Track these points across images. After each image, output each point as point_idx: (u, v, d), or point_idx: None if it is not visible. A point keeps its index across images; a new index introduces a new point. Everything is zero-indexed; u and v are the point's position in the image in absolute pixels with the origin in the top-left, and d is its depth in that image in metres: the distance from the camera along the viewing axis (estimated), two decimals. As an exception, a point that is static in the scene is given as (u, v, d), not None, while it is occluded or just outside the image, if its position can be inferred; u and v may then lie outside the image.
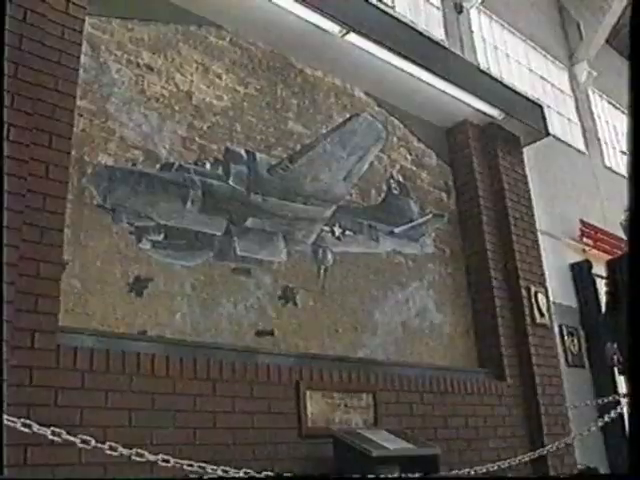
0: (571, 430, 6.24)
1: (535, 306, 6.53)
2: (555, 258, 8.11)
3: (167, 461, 3.25)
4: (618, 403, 6.32)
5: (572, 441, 5.72)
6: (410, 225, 6.40)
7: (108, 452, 3.15)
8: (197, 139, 5.02)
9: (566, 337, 8.00)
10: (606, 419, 5.49)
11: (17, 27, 3.83)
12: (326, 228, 5.63)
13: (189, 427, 3.95)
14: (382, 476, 3.85)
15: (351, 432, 4.41)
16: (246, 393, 4.32)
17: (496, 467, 4.85)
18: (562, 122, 10.44)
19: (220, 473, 3.34)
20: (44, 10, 4.03)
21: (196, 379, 4.11)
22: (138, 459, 3.19)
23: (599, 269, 8.50)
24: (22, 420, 3.02)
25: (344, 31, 5.71)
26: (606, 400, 6.62)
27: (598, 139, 11.28)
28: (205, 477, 3.39)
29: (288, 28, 5.62)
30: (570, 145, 10.22)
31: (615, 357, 4.71)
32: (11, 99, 3.67)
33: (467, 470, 4.59)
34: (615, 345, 4.70)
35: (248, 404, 4.30)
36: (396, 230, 6.23)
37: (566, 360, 7.77)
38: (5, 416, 2.97)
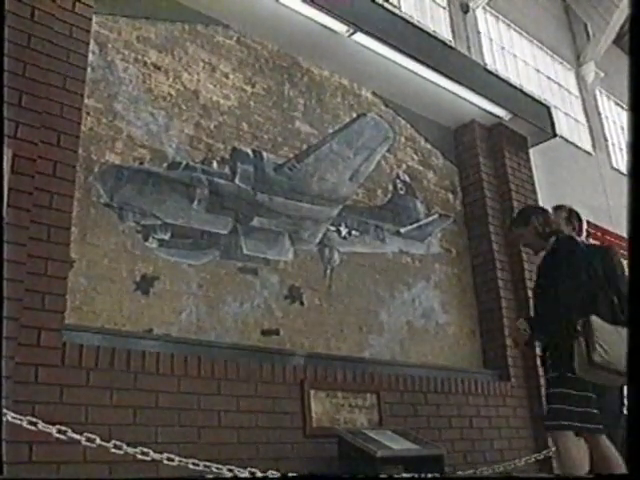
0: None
1: (541, 307, 6.51)
2: None
3: (172, 460, 3.26)
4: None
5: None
6: (416, 225, 6.39)
7: (113, 450, 3.16)
8: (204, 138, 5.03)
9: (572, 338, 7.96)
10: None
11: (25, 26, 3.85)
12: (332, 228, 5.63)
13: (194, 426, 3.96)
14: (386, 476, 3.86)
15: (355, 432, 4.40)
16: (251, 392, 4.32)
17: (502, 468, 4.84)
18: (569, 123, 10.40)
19: (225, 472, 3.35)
20: (52, 9, 4.05)
21: (201, 378, 4.12)
22: (143, 458, 3.20)
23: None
24: (27, 418, 3.03)
25: (351, 31, 5.71)
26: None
27: (605, 140, 11.22)
28: (210, 476, 3.40)
29: (295, 27, 5.62)
30: (577, 146, 10.17)
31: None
32: (19, 97, 3.69)
33: (473, 471, 4.59)
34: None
35: (253, 403, 4.30)
36: (402, 230, 6.23)
37: (571, 361, 7.73)
38: (10, 414, 2.99)
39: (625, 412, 4.05)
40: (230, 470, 3.35)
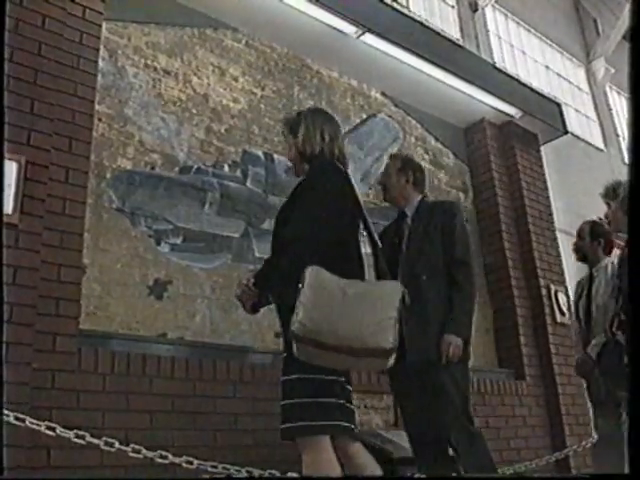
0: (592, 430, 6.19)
1: (555, 305, 6.49)
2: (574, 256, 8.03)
3: (191, 463, 3.27)
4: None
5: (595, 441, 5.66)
6: (428, 225, 6.36)
7: (132, 454, 3.17)
8: (215, 142, 5.04)
9: (586, 336, 7.92)
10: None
11: (36, 34, 3.87)
12: (344, 229, 5.61)
13: (210, 429, 3.96)
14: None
15: (371, 433, 4.39)
16: (266, 394, 4.31)
17: (523, 468, 4.81)
18: (580, 119, 10.35)
19: (244, 474, 3.35)
20: (62, 16, 4.06)
21: (216, 381, 4.12)
22: (161, 461, 3.21)
23: (619, 267, 8.43)
24: (46, 423, 3.05)
25: (360, 32, 5.70)
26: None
27: (617, 136, 11.16)
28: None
29: (303, 29, 5.62)
30: (588, 142, 10.13)
31: None
32: (31, 105, 3.72)
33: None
34: None
35: (269, 406, 4.28)
36: (414, 230, 6.20)
37: (587, 359, 7.69)
38: (28, 419, 3.01)
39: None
40: (249, 472, 3.35)
